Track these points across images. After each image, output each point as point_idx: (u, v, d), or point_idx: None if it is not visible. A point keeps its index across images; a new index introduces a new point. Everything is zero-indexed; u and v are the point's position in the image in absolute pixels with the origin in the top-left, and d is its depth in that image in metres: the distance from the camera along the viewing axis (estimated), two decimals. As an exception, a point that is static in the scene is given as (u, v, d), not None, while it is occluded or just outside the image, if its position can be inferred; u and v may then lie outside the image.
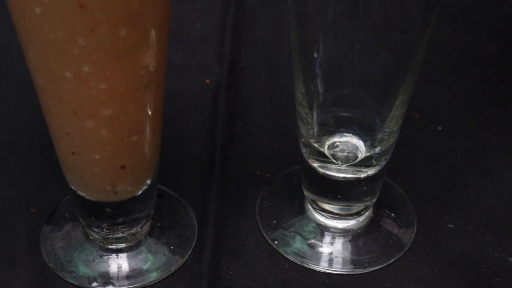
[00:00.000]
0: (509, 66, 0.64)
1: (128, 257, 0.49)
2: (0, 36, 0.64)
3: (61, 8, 0.35)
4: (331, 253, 0.50)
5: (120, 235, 0.48)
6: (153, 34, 0.38)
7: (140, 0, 0.36)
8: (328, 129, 0.47)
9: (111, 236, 0.48)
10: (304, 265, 0.50)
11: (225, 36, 0.67)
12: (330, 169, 0.48)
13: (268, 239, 0.51)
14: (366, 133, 0.47)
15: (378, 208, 0.53)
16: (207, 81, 0.62)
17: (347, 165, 0.48)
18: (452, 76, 0.63)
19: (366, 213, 0.51)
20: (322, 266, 0.50)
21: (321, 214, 0.51)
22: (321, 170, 0.48)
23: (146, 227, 0.50)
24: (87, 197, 0.46)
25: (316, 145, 0.48)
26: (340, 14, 0.42)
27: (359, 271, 0.49)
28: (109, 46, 0.37)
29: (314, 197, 0.51)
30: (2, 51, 0.63)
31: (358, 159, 0.48)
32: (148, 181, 0.46)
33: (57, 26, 0.35)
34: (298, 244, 0.51)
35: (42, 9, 0.35)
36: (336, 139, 0.48)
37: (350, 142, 0.48)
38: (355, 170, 0.48)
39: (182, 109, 0.60)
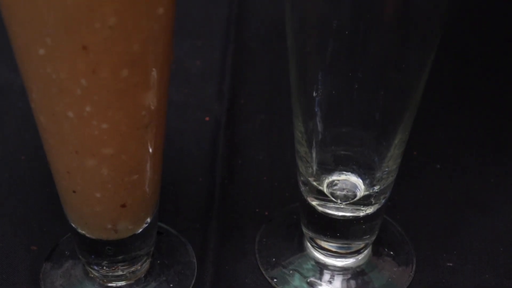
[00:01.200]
0: (506, 104, 0.65)
1: (127, 295, 0.49)
2: (3, 74, 0.65)
3: (64, 50, 0.35)
4: (330, 292, 0.50)
5: (120, 273, 0.48)
6: (154, 74, 0.39)
7: (142, 42, 0.36)
8: (327, 168, 0.48)
9: (111, 274, 0.48)
10: (303, 303, 0.50)
11: (225, 74, 0.67)
12: (329, 208, 0.48)
13: (267, 277, 0.51)
14: (365, 171, 0.47)
15: (377, 246, 0.53)
16: (207, 118, 0.63)
17: (346, 204, 0.48)
18: (450, 114, 0.64)
19: (365, 252, 0.51)
20: (321, 305, 0.50)
21: (320, 252, 0.51)
22: (320, 208, 0.49)
23: (146, 265, 0.50)
24: (87, 235, 0.46)
25: (315, 183, 0.48)
26: (339, 54, 0.42)
27: (358, 310, 0.50)
28: (111, 87, 0.37)
29: (313, 235, 0.51)
30: (5, 89, 0.64)
31: (357, 198, 0.48)
32: (148, 219, 0.47)
33: (60, 67, 0.36)
34: (297, 282, 0.51)
35: (46, 51, 0.35)
36: (335, 177, 0.48)
37: (349, 181, 0.48)
38: (354, 209, 0.48)
39: (181, 147, 0.60)
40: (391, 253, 0.53)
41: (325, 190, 0.48)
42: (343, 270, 0.51)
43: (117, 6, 0.34)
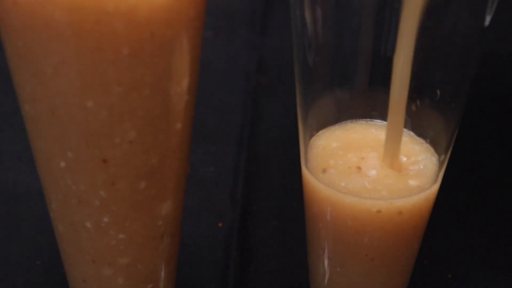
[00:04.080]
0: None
1: None
2: (22, 178, 0.66)
3: (85, 163, 0.36)
4: None
5: None
6: (171, 186, 0.40)
7: (160, 155, 0.37)
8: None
9: None
10: None
11: (238, 180, 0.68)
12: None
13: None
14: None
15: None
16: (220, 224, 0.63)
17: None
18: (460, 222, 0.64)
19: None
20: None
21: None
22: (332, 317, 0.49)
23: None
24: None
25: (327, 292, 0.48)
26: (349, 162, 0.43)
27: None
28: (129, 198, 0.38)
29: None
30: (22, 193, 0.65)
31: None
32: (161, 327, 0.47)
33: (80, 179, 0.37)
34: None
35: (67, 163, 0.37)
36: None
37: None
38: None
39: (194, 252, 0.61)
40: None
41: (337, 299, 0.48)
42: None
43: (137, 122, 0.35)
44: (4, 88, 0.76)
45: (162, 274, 0.44)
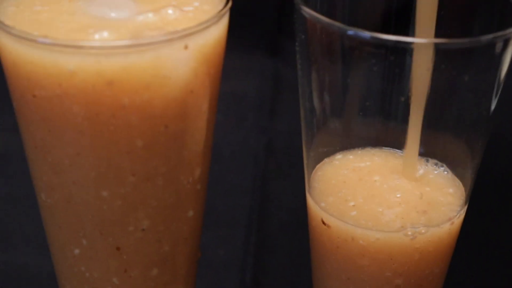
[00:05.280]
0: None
1: None
2: (33, 261, 0.66)
3: (99, 250, 0.37)
4: None
5: None
6: (182, 272, 0.40)
7: (172, 243, 0.38)
8: None
9: None
10: None
11: (247, 263, 0.68)
12: None
13: None
14: None
15: None
16: (229, 307, 0.64)
17: None
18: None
19: None
20: None
21: None
22: None
23: None
24: None
25: None
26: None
27: None
28: (141, 285, 0.39)
29: None
30: (34, 276, 0.65)
31: None
32: None
33: (93, 266, 0.38)
34: None
35: (81, 251, 0.37)
36: None
37: None
38: None
39: (204, 337, 0.61)
40: None
41: None
42: None
43: (150, 211, 0.36)
44: (18, 174, 0.77)
45: None
